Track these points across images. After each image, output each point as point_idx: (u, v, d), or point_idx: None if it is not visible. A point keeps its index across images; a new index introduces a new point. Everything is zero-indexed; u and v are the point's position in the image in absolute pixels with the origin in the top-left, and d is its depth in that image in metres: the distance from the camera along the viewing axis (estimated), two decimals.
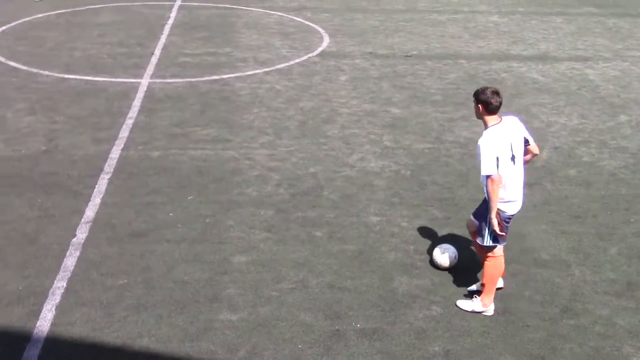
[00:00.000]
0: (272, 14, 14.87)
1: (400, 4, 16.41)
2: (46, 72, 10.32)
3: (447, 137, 8.58)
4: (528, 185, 7.28)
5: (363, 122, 8.95)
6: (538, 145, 5.41)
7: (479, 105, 5.00)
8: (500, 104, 5.00)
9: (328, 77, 10.69)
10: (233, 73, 10.67)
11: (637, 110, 9.79)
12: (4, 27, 12.83)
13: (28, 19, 13.57)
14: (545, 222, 6.65)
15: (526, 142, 5.13)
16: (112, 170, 7.26)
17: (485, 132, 4.99)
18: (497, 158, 4.87)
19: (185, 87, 9.95)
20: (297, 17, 14.70)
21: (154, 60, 11.17)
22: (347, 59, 11.69)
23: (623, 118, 9.45)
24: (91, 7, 14.83)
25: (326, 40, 12.87)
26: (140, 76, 10.33)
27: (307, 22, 14.25)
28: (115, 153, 7.66)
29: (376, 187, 7.18)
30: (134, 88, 9.80)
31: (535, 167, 7.81)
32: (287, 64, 11.23)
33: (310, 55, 11.87)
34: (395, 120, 9.04)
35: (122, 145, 7.88)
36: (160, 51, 11.69)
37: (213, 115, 8.91)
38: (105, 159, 7.49)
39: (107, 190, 6.83)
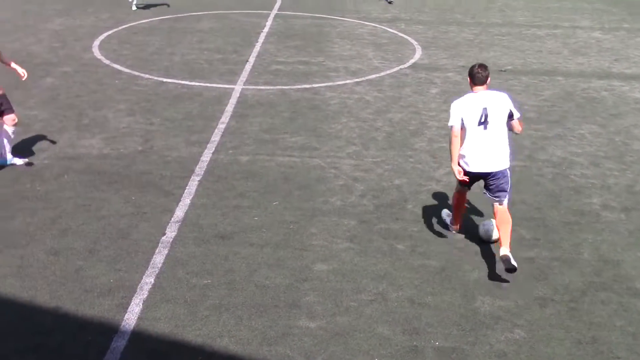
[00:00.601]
0: (366, 25, 14.93)
1: (497, 17, 16.08)
2: (147, 76, 10.79)
3: (540, 156, 8.30)
4: (625, 210, 6.97)
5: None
6: (522, 124, 6.16)
7: (468, 78, 5.86)
8: (486, 77, 5.79)
9: (418, 90, 10.60)
10: (324, 82, 10.78)
11: None
12: (110, 32, 13.52)
13: (133, 24, 14.25)
14: None
15: (510, 116, 5.82)
16: (202, 172, 7.48)
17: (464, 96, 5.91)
18: (462, 118, 5.76)
19: (277, 95, 10.13)
20: (391, 28, 14.69)
21: (248, 67, 11.45)
22: (439, 72, 11.55)
23: None
24: (193, 14, 15.40)
25: (419, 52, 12.78)
26: (234, 82, 10.62)
27: (400, 34, 14.20)
28: (207, 156, 7.90)
29: None
30: (228, 93, 10.08)
31: (632, 191, 7.44)
32: (378, 75, 11.23)
33: (401, 66, 11.82)
34: None
35: (213, 148, 8.12)
36: (254, 58, 11.97)
37: (302, 123, 9.02)
38: (196, 161, 7.73)
39: (196, 191, 7.04)
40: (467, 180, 5.92)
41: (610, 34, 14.88)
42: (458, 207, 6.34)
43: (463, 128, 5.80)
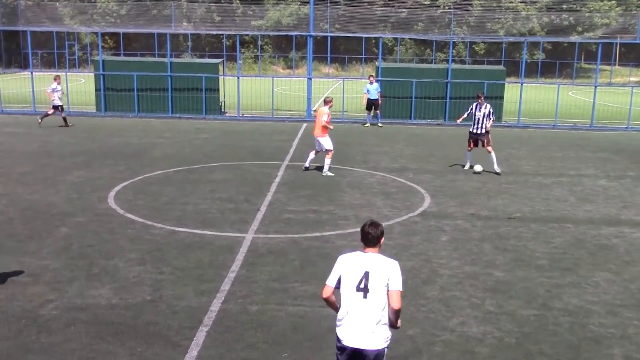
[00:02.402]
0: (375, 174, 15.32)
1: (502, 166, 16.48)
2: (159, 225, 10.94)
3: (555, 304, 8.12)
4: None
5: (464, 284, 8.70)
6: (400, 301, 5.19)
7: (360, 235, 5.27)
8: (377, 237, 5.20)
9: (429, 237, 10.64)
10: (334, 230, 10.86)
11: None
12: (126, 182, 13.93)
13: (149, 175, 14.71)
14: None
15: (388, 285, 5.11)
16: (211, 322, 7.35)
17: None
18: (340, 275, 5.12)
19: (287, 243, 10.19)
20: (399, 177, 15.05)
21: (259, 216, 11.63)
22: (448, 220, 11.66)
23: None
24: (206, 165, 15.93)
25: (427, 201, 12.98)
26: (245, 231, 10.73)
27: (408, 183, 14.52)
28: (216, 306, 7.79)
29: (478, 355, 6.80)
30: (239, 242, 10.14)
31: None
32: (387, 223, 11.33)
33: (411, 214, 11.96)
34: (498, 284, 8.73)
35: (223, 298, 8.03)
36: (265, 207, 12.19)
37: (313, 272, 8.98)
38: (205, 311, 7.62)
39: (204, 342, 6.87)
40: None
41: (616, 182, 15.14)
42: None
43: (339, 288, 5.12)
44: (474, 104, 15.92)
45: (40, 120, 21.93)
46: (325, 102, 15.30)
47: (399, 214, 11.95)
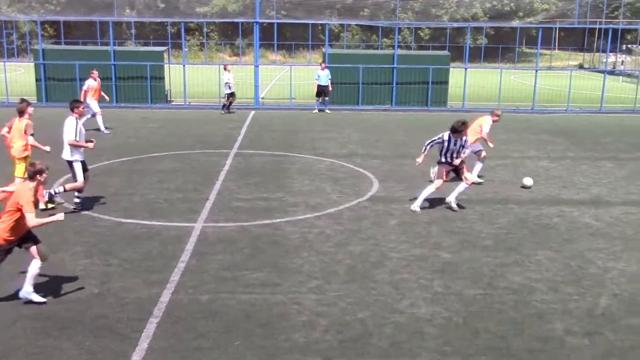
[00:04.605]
0: (324, 161, 15.38)
1: None
2: (106, 217, 10.74)
3: (500, 283, 8.36)
4: (587, 334, 6.98)
5: (413, 266, 8.86)
6: None
7: None
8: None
9: (377, 222, 10.78)
10: (284, 217, 10.88)
11: None
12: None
13: (94, 165, 14.38)
14: None
15: None
16: (161, 314, 7.28)
17: None
18: None
19: (237, 231, 10.16)
20: (348, 163, 15.15)
21: (208, 205, 11.54)
22: (397, 204, 11.82)
23: None
24: (153, 155, 15.69)
25: (376, 186, 13.12)
26: (195, 220, 10.64)
27: (357, 168, 14.64)
28: (165, 297, 7.73)
29: (427, 335, 6.96)
30: (188, 232, 10.06)
31: (593, 315, 7.48)
32: (337, 209, 11.42)
33: (360, 200, 12.07)
34: (445, 266, 8.92)
35: (173, 288, 7.97)
36: (214, 196, 12.10)
37: (263, 259, 8.99)
38: (155, 303, 7.55)
39: (154, 334, 6.81)
40: None
41: (557, 163, 15.62)
42: None
43: None
44: (447, 137, 11.31)
45: None
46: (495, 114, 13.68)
47: (348, 199, 12.05)
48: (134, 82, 24.96)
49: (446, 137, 11.29)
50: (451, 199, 11.54)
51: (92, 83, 19.34)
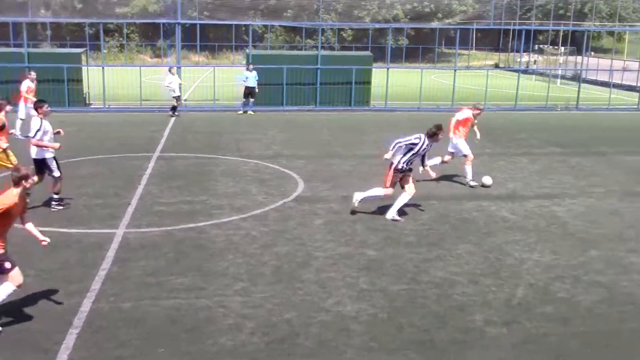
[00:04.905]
0: (249, 162, 15.31)
1: (372, 149, 17.05)
2: (20, 226, 10.29)
3: (423, 278, 8.57)
4: (506, 324, 7.26)
5: (339, 265, 8.96)
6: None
7: None
8: None
9: (303, 222, 10.82)
10: (209, 220, 10.77)
11: (606, 244, 9.96)
12: None
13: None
14: None
15: None
16: (81, 324, 7.07)
17: None
18: None
19: (161, 236, 9.97)
20: (273, 164, 15.14)
21: (130, 210, 11.28)
22: (322, 203, 11.91)
23: (594, 253, 9.59)
24: (72, 160, 15.17)
25: (301, 186, 13.18)
26: (116, 226, 10.38)
27: (282, 169, 14.65)
28: (86, 306, 7.50)
29: (353, 332, 7.05)
30: (109, 239, 9.80)
31: (510, 305, 7.78)
32: (262, 210, 11.40)
33: (285, 200, 12.09)
34: (370, 263, 9.06)
35: (93, 297, 7.74)
36: (136, 201, 11.83)
37: (188, 264, 8.87)
38: (75, 313, 7.31)
39: (74, 345, 6.60)
40: None
41: (475, 159, 16.09)
42: None
43: None
44: (424, 140, 10.88)
45: None
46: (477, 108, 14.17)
47: (274, 200, 12.05)
48: (50, 85, 24.02)
49: (422, 141, 10.74)
50: (391, 214, 10.97)
51: (29, 84, 18.55)
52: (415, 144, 10.77)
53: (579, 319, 7.46)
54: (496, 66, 49.20)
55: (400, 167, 10.88)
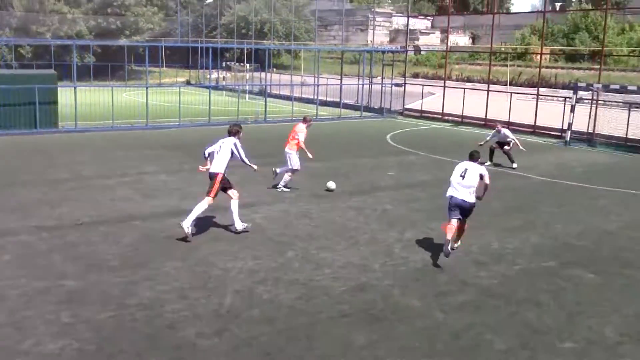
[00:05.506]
0: None
1: (64, 172, 16.00)
2: None
3: (131, 301, 8.31)
4: (217, 334, 7.42)
5: (35, 301, 8.20)
6: None
7: None
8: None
9: None
10: None
11: (300, 244, 10.84)
12: None
13: None
14: None
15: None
16: None
17: None
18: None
19: None
20: None
21: None
22: (10, 236, 10.78)
23: (291, 254, 10.36)
24: None
25: None
26: None
27: None
28: None
29: None
30: None
31: (219, 314, 7.99)
32: None
33: None
34: (71, 294, 8.48)
35: None
36: None
37: None
38: None
39: None
40: None
41: (174, 176, 16.20)
42: None
43: None
44: (235, 141, 11.36)
45: None
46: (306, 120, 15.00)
47: None
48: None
49: (237, 143, 11.16)
50: (239, 225, 11.27)
51: None
52: (237, 147, 11.20)
53: (282, 317, 7.98)
54: (188, 83, 50.07)
55: (225, 174, 11.15)
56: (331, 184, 15.02)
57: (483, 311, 8.37)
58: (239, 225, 11.28)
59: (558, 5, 75.48)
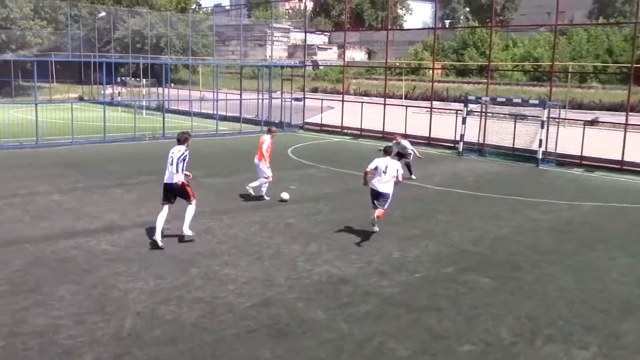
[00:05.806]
0: None
1: None
2: None
3: (23, 329, 7.84)
4: (117, 357, 7.13)
5: None
6: None
7: None
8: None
9: None
10: None
11: (203, 261, 10.66)
12: None
13: None
14: None
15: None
16: None
17: None
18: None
19: None
20: None
21: None
22: None
23: (194, 271, 10.16)
24: None
25: None
26: None
27: None
28: None
29: None
30: None
31: (119, 337, 7.70)
32: None
33: None
34: None
35: None
36: None
37: None
38: None
39: None
40: None
41: (68, 195, 15.51)
42: None
43: None
44: (185, 149, 11.72)
45: None
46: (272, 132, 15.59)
47: None
48: None
49: (186, 150, 11.45)
50: (185, 229, 11.67)
51: None
52: (184, 160, 11.41)
53: (186, 337, 7.80)
54: (81, 99, 48.18)
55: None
56: (285, 195, 15.44)
57: (386, 320, 8.55)
58: (187, 231, 11.66)
59: (447, 22, 78.99)
